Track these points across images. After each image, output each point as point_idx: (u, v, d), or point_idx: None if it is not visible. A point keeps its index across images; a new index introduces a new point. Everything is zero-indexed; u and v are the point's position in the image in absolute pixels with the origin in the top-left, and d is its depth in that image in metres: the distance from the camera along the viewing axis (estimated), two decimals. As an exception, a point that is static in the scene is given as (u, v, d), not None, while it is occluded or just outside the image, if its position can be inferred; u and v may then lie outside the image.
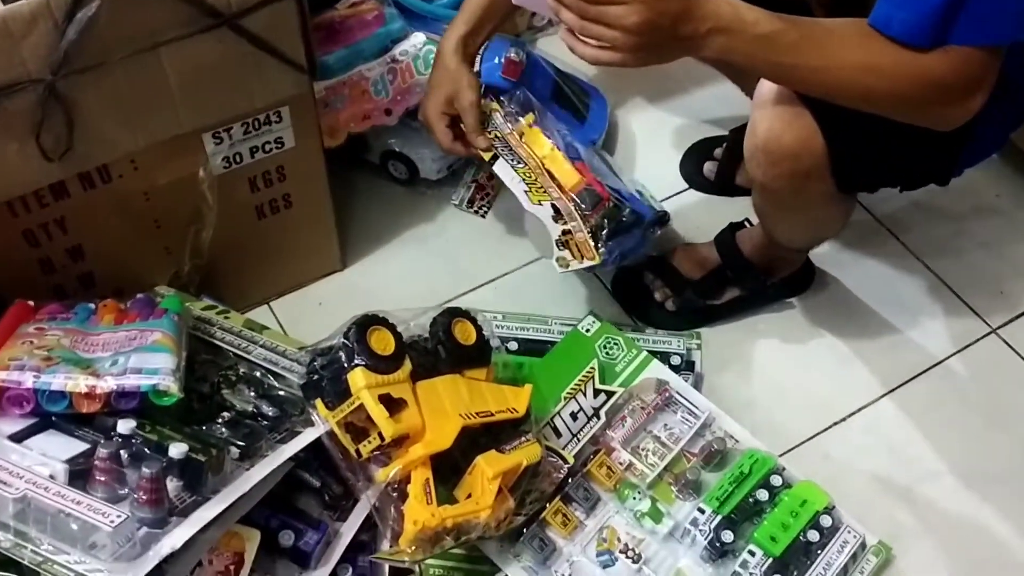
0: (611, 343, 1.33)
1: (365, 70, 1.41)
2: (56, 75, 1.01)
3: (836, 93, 1.00)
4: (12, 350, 1.01)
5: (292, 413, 1.10)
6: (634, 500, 1.21)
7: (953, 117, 1.00)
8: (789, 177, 1.13)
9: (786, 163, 1.11)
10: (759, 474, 1.22)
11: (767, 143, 1.11)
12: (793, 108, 1.08)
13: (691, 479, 1.22)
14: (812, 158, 1.09)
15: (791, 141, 1.09)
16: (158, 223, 1.24)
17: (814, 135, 1.08)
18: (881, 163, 1.15)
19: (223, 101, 1.16)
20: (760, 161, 1.14)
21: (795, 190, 1.15)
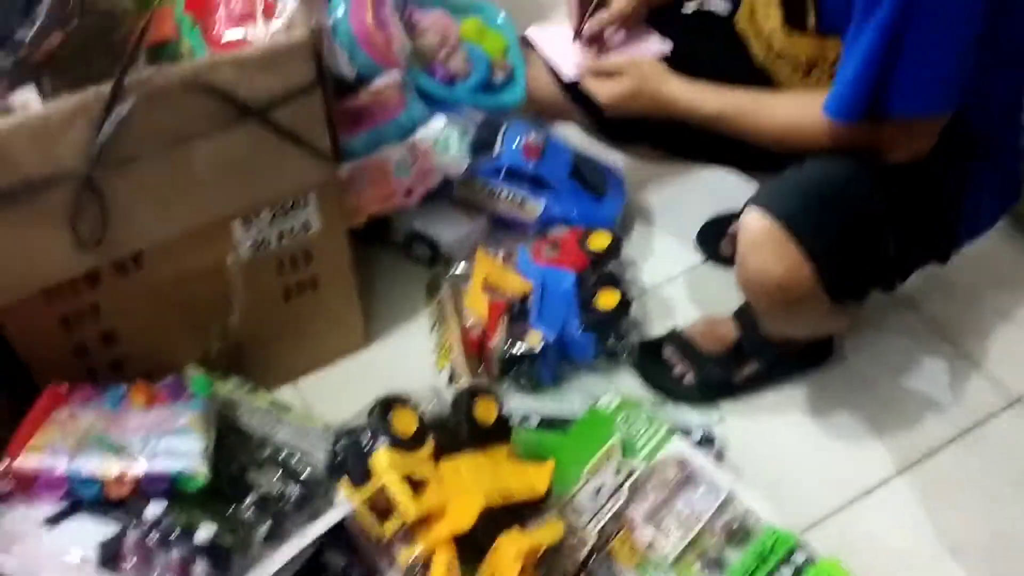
0: (632, 418, 1.34)
1: (387, 153, 1.44)
2: (92, 169, 1.06)
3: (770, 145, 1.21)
4: (46, 435, 1.04)
5: (317, 493, 1.11)
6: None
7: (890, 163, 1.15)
8: (784, 304, 1.17)
9: (778, 293, 1.16)
10: (782, 551, 1.21)
11: (758, 276, 1.16)
12: (779, 239, 1.12)
13: (714, 556, 1.22)
14: (803, 286, 1.13)
15: (781, 273, 1.13)
16: (188, 307, 1.27)
17: (802, 264, 1.12)
18: (874, 271, 1.19)
19: (251, 189, 1.20)
20: (753, 291, 1.20)
21: (792, 313, 1.20)
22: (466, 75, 1.69)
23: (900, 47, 1.04)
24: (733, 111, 1.22)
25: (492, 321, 1.43)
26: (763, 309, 1.25)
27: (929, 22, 1.03)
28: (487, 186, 1.58)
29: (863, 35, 1.06)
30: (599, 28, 1.35)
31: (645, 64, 1.29)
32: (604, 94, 1.30)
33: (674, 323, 1.51)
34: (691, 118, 1.26)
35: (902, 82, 1.07)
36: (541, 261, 1.51)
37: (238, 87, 1.09)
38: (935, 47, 1.05)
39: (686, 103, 1.25)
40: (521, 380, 1.44)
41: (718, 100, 1.24)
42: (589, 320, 1.43)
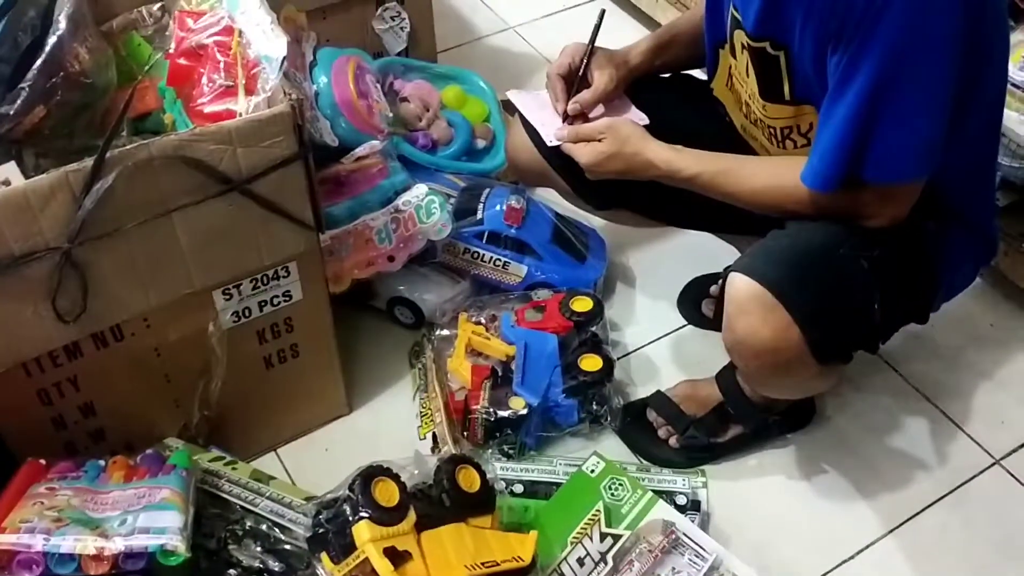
0: (616, 484, 1.34)
1: (369, 220, 1.46)
2: (73, 243, 1.06)
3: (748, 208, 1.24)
4: (23, 511, 1.03)
5: (298, 568, 1.10)
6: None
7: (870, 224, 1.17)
8: (771, 367, 1.18)
9: (766, 356, 1.16)
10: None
11: (745, 340, 1.17)
12: (766, 303, 1.13)
13: (703, 624, 1.21)
14: (791, 349, 1.14)
15: (768, 336, 1.14)
16: (168, 377, 1.26)
17: (790, 327, 1.12)
18: (860, 333, 1.20)
19: (233, 260, 1.20)
20: (741, 354, 1.21)
21: (779, 376, 1.21)
22: (448, 142, 1.72)
23: (875, 117, 1.06)
24: (711, 174, 1.24)
25: (476, 386, 1.43)
26: (751, 372, 1.25)
27: (905, 92, 1.05)
28: (470, 250, 1.58)
29: (838, 106, 1.08)
30: (581, 108, 1.37)
31: (624, 127, 1.31)
32: (584, 156, 1.32)
33: (657, 386, 1.51)
34: (670, 180, 1.28)
35: (878, 151, 1.09)
36: (524, 325, 1.51)
37: (220, 159, 1.10)
38: (911, 115, 1.07)
39: (665, 165, 1.27)
40: (505, 446, 1.43)
41: (696, 163, 1.26)
42: (572, 384, 1.43)
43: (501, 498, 1.26)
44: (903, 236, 1.18)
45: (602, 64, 1.38)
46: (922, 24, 1.01)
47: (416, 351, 1.59)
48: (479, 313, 1.56)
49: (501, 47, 2.26)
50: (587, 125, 1.34)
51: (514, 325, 1.51)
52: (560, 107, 1.39)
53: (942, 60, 1.04)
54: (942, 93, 1.06)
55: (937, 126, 1.09)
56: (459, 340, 1.50)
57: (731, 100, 1.35)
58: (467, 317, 1.54)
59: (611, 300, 1.68)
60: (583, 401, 1.45)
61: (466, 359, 1.48)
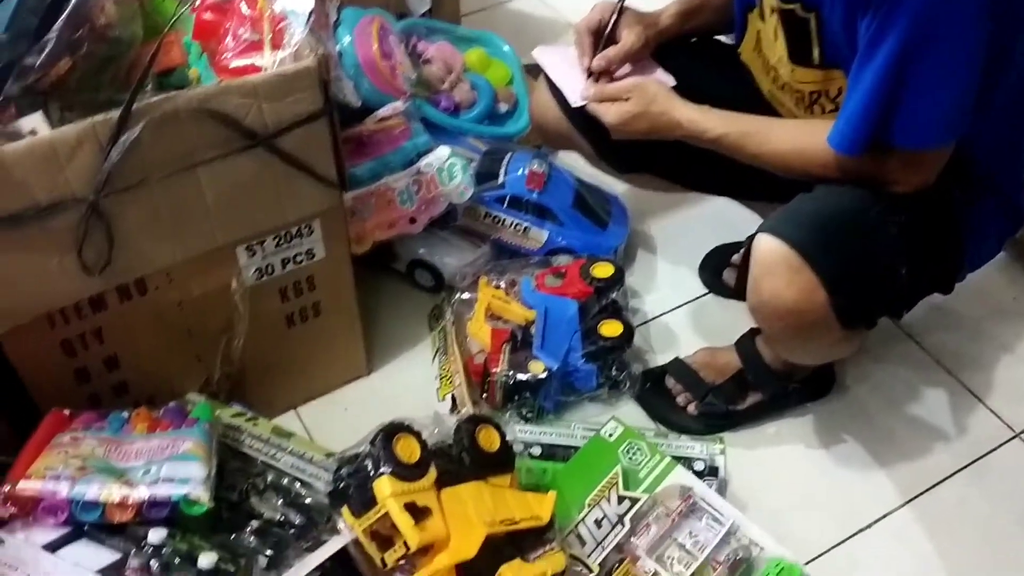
0: (634, 448, 1.34)
1: (392, 181, 1.45)
2: (99, 194, 1.06)
3: (774, 171, 1.23)
4: (48, 459, 1.04)
5: (319, 521, 1.11)
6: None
7: (896, 190, 1.16)
8: (795, 330, 1.18)
9: (791, 318, 1.16)
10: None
11: (770, 301, 1.16)
12: (793, 265, 1.12)
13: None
14: (816, 311, 1.13)
15: (793, 298, 1.13)
16: (191, 333, 1.27)
17: (816, 289, 1.12)
18: (885, 298, 1.19)
19: (257, 216, 1.20)
20: (765, 316, 1.20)
21: (802, 338, 1.20)
22: (470, 105, 1.71)
23: (904, 81, 1.05)
24: (738, 135, 1.23)
25: (495, 350, 1.43)
26: (774, 335, 1.25)
27: (933, 57, 1.04)
28: (491, 215, 1.58)
29: (867, 69, 1.07)
30: (607, 64, 1.36)
31: (651, 86, 1.30)
32: (610, 115, 1.31)
33: (676, 353, 1.51)
34: (696, 141, 1.27)
35: (906, 116, 1.08)
36: (544, 290, 1.51)
37: (246, 114, 1.10)
38: (939, 81, 1.06)
39: (691, 125, 1.26)
40: (523, 409, 1.43)
41: (723, 123, 1.25)
42: (592, 350, 1.43)
43: (520, 459, 1.26)
44: (931, 203, 1.17)
45: (631, 23, 1.37)
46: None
47: (436, 314, 1.59)
48: (499, 278, 1.56)
49: (525, 11, 2.25)
50: (613, 84, 1.34)
51: (534, 290, 1.51)
52: (586, 62, 1.38)
53: (972, 26, 1.02)
54: (972, 59, 1.05)
55: (966, 93, 1.07)
56: (479, 304, 1.50)
57: (759, 65, 1.34)
58: (487, 281, 1.54)
59: (632, 267, 1.68)
60: (602, 366, 1.45)
61: (486, 323, 1.48)
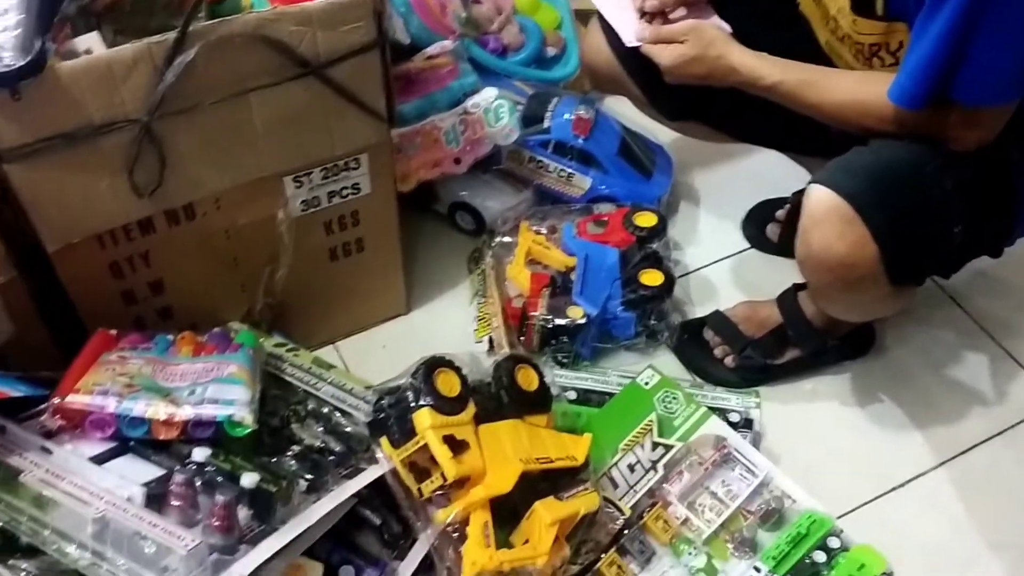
0: (670, 397, 1.34)
1: (438, 120, 1.45)
2: (152, 116, 1.06)
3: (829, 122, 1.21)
4: (96, 376, 1.05)
5: (357, 450, 1.12)
6: (689, 555, 1.21)
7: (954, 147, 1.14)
8: (843, 283, 1.16)
9: (839, 271, 1.14)
10: (817, 535, 1.21)
11: (819, 253, 1.15)
12: (845, 216, 1.11)
13: (747, 537, 1.22)
14: (865, 265, 1.12)
15: (844, 251, 1.12)
16: (236, 261, 1.28)
17: (867, 242, 1.10)
18: (936, 256, 1.18)
19: (306, 147, 1.20)
20: (813, 269, 1.18)
21: (849, 292, 1.18)
22: (518, 47, 1.69)
23: (969, 36, 1.03)
24: (795, 82, 1.22)
25: (534, 294, 1.44)
26: (821, 288, 1.23)
27: (1000, 12, 1.01)
28: (535, 159, 1.57)
29: (933, 22, 1.05)
30: (662, 5, 1.34)
31: (708, 30, 1.29)
32: (666, 57, 1.30)
33: (716, 306, 1.51)
34: (752, 88, 1.26)
35: (971, 72, 1.05)
36: (585, 237, 1.50)
37: (300, 41, 1.09)
38: (1004, 38, 1.03)
39: (748, 71, 1.25)
40: (559, 355, 1.44)
41: (780, 71, 1.23)
42: (631, 298, 1.43)
43: (556, 403, 1.27)
44: (988, 161, 1.15)
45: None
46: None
47: (475, 257, 1.60)
48: (540, 223, 1.56)
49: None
50: (669, 26, 1.32)
51: (576, 236, 1.51)
52: (640, 2, 1.36)
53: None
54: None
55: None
56: (519, 248, 1.50)
57: (817, 15, 1.31)
58: (528, 226, 1.54)
59: (674, 218, 1.67)
60: (641, 315, 1.45)
61: (525, 267, 1.48)
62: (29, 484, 0.96)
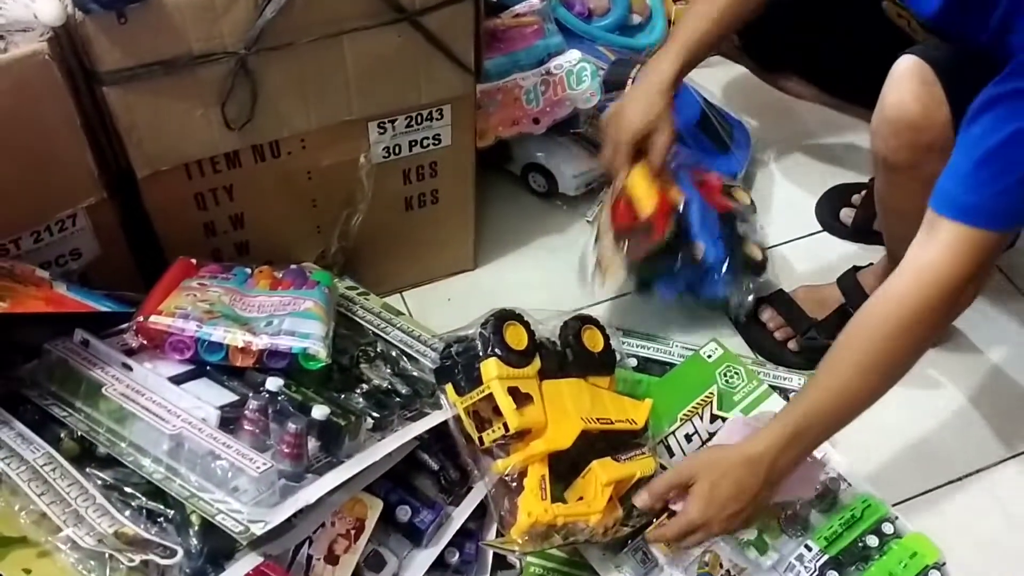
0: (732, 371, 1.34)
1: (520, 79, 1.45)
2: (249, 50, 1.08)
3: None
4: (177, 299, 1.08)
5: (423, 394, 1.14)
6: None
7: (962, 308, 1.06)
8: (910, 149, 1.12)
9: (908, 134, 1.10)
10: (870, 520, 1.21)
11: (894, 111, 1.11)
12: (926, 78, 1.07)
13: (801, 515, 1.22)
14: (935, 129, 1.08)
15: (917, 111, 1.09)
16: (315, 203, 1.30)
17: (940, 106, 1.07)
18: None
19: (393, 93, 1.21)
20: (883, 132, 1.14)
21: (916, 165, 1.12)
22: (604, 12, 1.68)
23: None
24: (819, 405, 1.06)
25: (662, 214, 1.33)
26: (888, 156, 1.16)
27: None
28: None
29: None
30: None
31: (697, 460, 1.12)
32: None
33: (783, 286, 1.50)
34: (793, 459, 1.07)
35: None
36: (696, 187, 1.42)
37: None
38: None
39: (775, 450, 1.05)
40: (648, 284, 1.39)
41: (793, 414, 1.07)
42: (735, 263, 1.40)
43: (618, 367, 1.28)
44: None
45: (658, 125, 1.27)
46: None
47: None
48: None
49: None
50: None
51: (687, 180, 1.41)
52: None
53: None
54: None
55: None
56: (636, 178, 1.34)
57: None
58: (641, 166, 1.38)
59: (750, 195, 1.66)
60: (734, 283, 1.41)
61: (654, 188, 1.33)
62: (110, 397, 0.99)
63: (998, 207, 0.96)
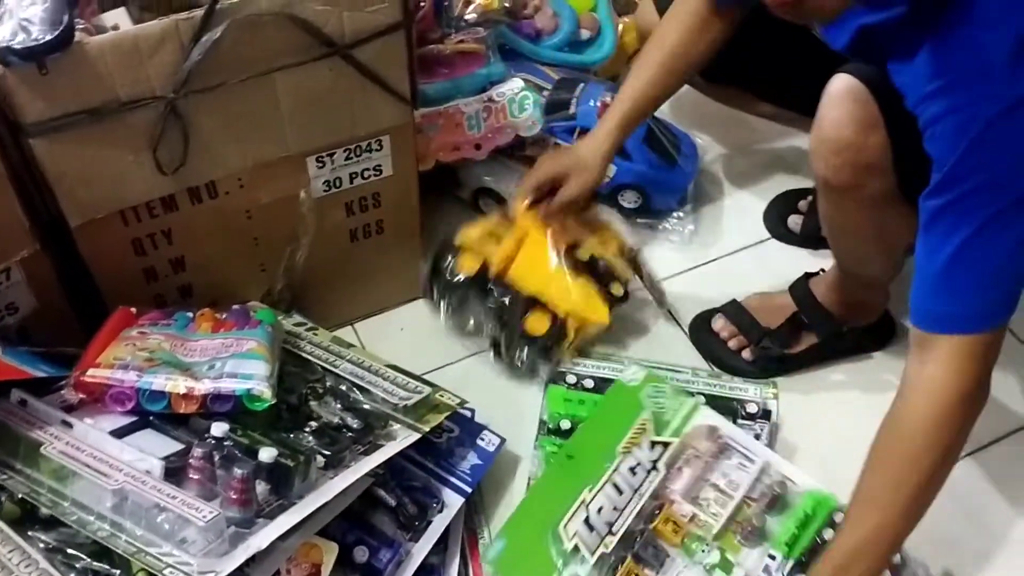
0: (658, 392, 1.31)
1: (463, 104, 1.45)
2: (178, 93, 1.07)
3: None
4: (116, 350, 1.06)
5: (375, 427, 1.12)
6: (702, 553, 1.19)
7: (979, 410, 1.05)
8: (851, 168, 1.11)
9: (847, 153, 1.10)
10: (823, 514, 1.21)
11: (831, 132, 1.11)
12: (859, 97, 1.08)
13: (756, 525, 1.21)
14: (872, 149, 1.08)
15: (854, 131, 1.09)
16: (257, 241, 1.29)
17: (877, 125, 1.07)
18: None
19: (329, 127, 1.21)
20: (822, 153, 1.14)
21: (857, 186, 1.13)
22: (552, 31, 1.68)
23: None
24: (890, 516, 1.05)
25: None
26: (829, 180, 1.16)
27: None
28: (560, 145, 1.57)
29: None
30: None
31: None
32: None
33: (734, 295, 1.50)
34: None
35: None
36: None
37: (326, 21, 1.10)
38: None
39: None
40: None
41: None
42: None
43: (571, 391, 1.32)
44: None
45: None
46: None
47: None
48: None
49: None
50: None
51: None
52: None
53: None
54: None
55: None
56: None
57: None
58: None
59: (698, 207, 1.67)
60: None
61: None
62: (50, 456, 0.97)
63: (983, 308, 0.97)
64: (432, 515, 1.17)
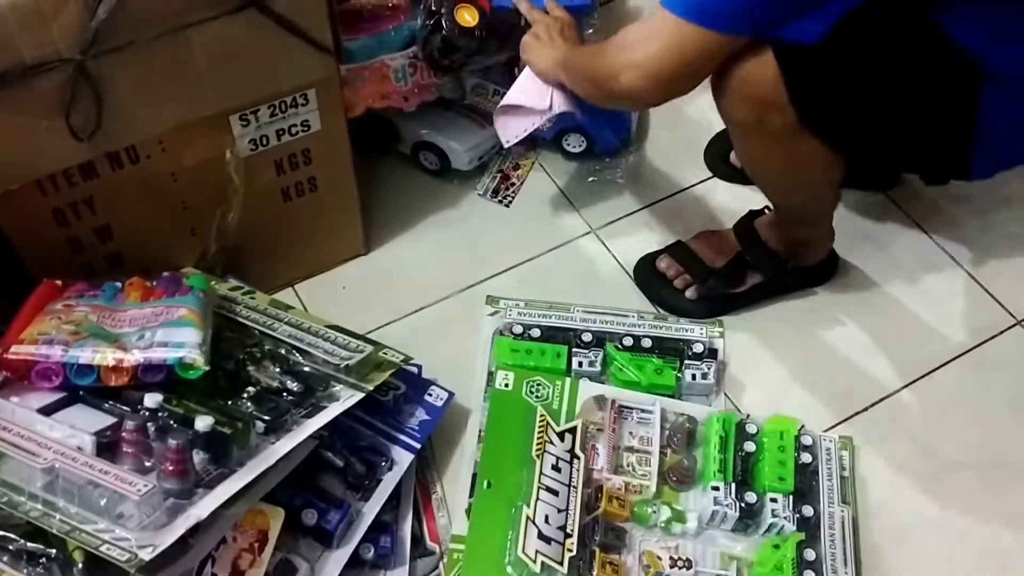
0: (534, 385, 1.29)
1: (388, 59, 1.41)
2: (86, 55, 1.02)
3: None
4: (40, 326, 1.02)
5: (317, 389, 1.10)
6: (653, 515, 1.19)
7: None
8: (751, 105, 1.13)
9: (745, 89, 1.12)
10: (731, 432, 1.23)
11: (728, 74, 1.12)
12: (756, 44, 1.09)
13: (686, 466, 1.22)
14: (767, 84, 1.09)
15: (748, 69, 1.10)
16: (185, 205, 1.25)
17: (769, 62, 1.08)
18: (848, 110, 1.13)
19: (251, 83, 1.17)
20: (722, 92, 1.15)
21: (760, 120, 1.14)
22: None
23: None
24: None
25: None
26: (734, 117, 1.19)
27: None
28: (500, 92, 1.53)
29: None
30: None
31: None
32: None
33: (678, 236, 1.49)
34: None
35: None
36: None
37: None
38: None
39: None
40: None
41: None
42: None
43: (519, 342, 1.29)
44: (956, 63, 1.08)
45: None
46: None
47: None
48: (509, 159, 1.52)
49: None
50: None
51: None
52: None
53: None
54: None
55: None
56: None
57: None
58: None
59: (642, 147, 1.66)
60: None
61: None
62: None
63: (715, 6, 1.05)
64: (381, 473, 1.16)
